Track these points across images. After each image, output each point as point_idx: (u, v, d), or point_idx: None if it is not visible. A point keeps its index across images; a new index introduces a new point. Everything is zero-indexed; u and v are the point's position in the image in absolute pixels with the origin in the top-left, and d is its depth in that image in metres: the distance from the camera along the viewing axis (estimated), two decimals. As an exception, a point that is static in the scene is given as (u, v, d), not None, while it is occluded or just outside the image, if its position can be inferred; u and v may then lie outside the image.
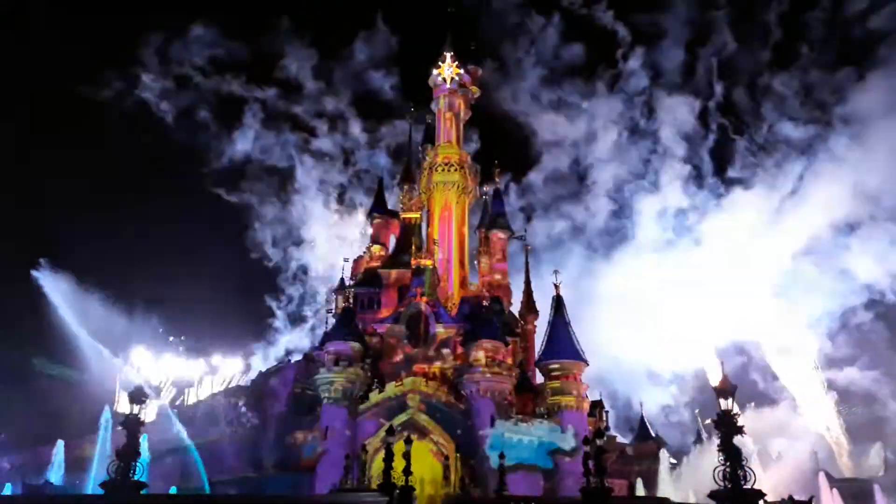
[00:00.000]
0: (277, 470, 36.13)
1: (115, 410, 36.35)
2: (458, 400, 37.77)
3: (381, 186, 55.08)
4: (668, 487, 36.40)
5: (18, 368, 52.99)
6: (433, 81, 49.82)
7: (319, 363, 38.62)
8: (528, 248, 52.02)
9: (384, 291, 44.96)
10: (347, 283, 48.24)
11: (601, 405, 43.23)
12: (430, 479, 33.99)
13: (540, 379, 41.78)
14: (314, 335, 66.95)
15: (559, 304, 42.06)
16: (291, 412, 39.95)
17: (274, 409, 41.06)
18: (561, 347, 40.50)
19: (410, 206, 49.75)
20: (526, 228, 55.16)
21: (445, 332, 41.01)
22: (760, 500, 12.30)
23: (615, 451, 38.89)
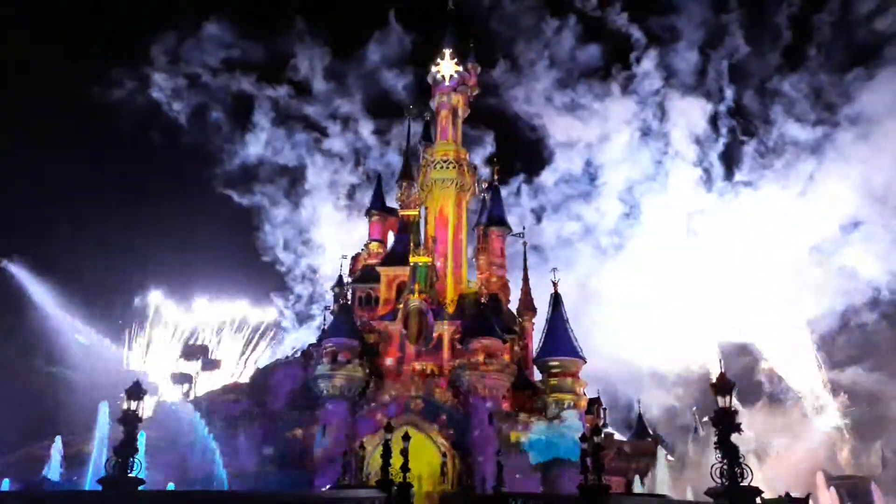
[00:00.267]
0: (276, 466, 36.13)
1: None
2: (455, 397, 37.83)
3: (379, 184, 55.01)
4: (665, 485, 36.46)
5: (12, 364, 52.95)
6: (432, 79, 49.68)
7: (318, 360, 38.63)
8: (526, 245, 52.21)
9: (382, 289, 44.96)
10: (346, 280, 48.32)
11: (599, 402, 43.32)
12: (427, 475, 34.02)
13: (538, 376, 41.87)
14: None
15: (557, 301, 42.13)
16: (290, 408, 39.96)
17: (273, 405, 41.05)
18: (559, 345, 40.58)
19: (409, 203, 49.80)
20: (525, 227, 55.10)
21: (443, 329, 41.01)
22: (757, 497, 12.30)
23: (613, 448, 38.92)
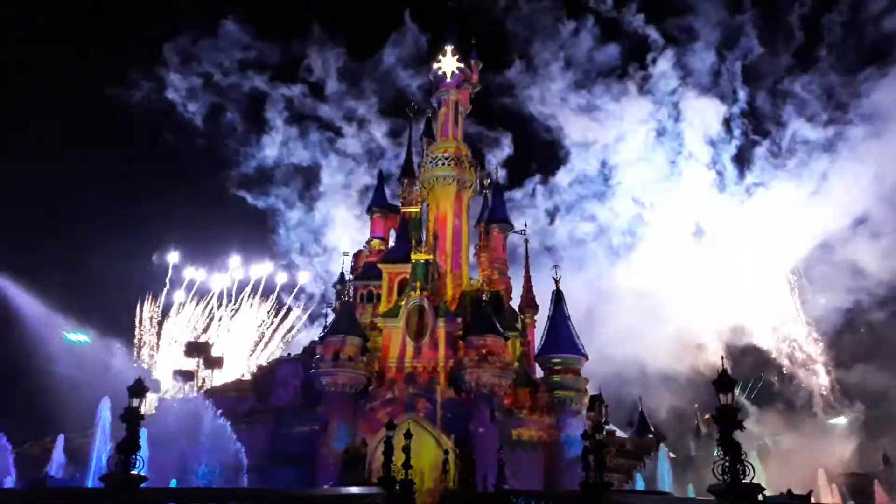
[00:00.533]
0: (278, 463, 36.17)
1: None
2: (457, 394, 37.84)
3: (381, 180, 54.89)
4: (667, 481, 36.43)
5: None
6: (433, 75, 49.60)
7: (320, 357, 38.64)
8: (527, 242, 52.19)
9: (384, 286, 44.93)
10: (348, 277, 48.28)
11: (601, 399, 43.24)
12: (429, 472, 34.06)
13: (540, 373, 41.86)
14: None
15: (559, 298, 42.13)
16: (292, 405, 40.02)
17: (275, 402, 41.13)
18: (561, 342, 40.61)
19: (411, 200, 49.69)
20: (526, 224, 55.02)
21: (445, 326, 40.96)
22: (759, 494, 12.26)
23: (614, 445, 38.92)
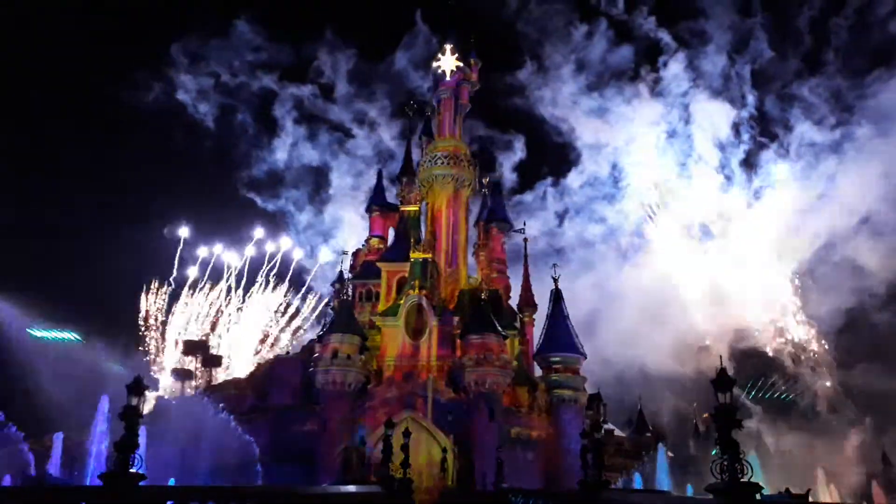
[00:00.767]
0: (277, 461, 36.15)
1: None
2: (456, 393, 37.84)
3: (380, 179, 54.70)
4: (665, 481, 36.51)
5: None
6: (433, 73, 49.55)
7: (319, 356, 38.63)
8: (526, 241, 52.14)
9: (383, 284, 44.90)
10: (346, 276, 48.24)
11: (599, 398, 43.23)
12: (428, 471, 34.04)
13: (538, 372, 41.88)
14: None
15: (558, 297, 42.13)
16: (291, 404, 40.01)
17: (274, 400, 41.13)
18: (560, 341, 40.63)
19: (409, 199, 49.58)
20: (525, 223, 54.93)
21: (443, 325, 40.95)
22: (757, 493, 12.27)
23: (612, 444, 38.97)
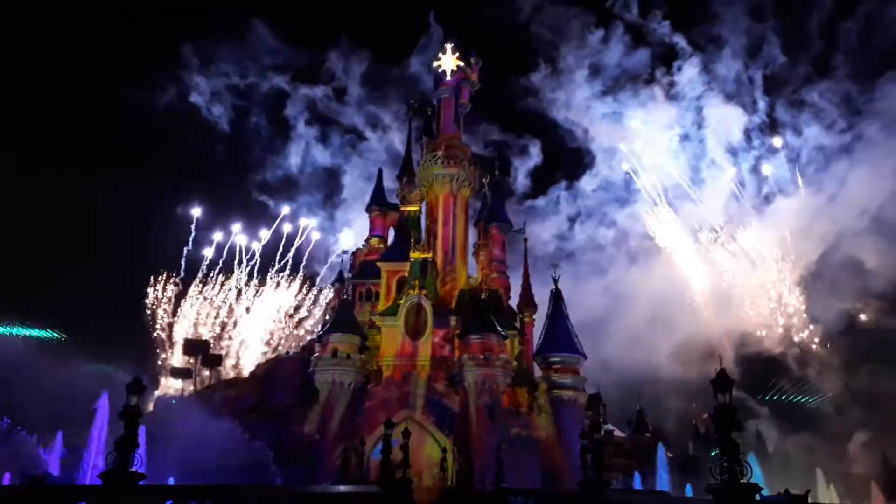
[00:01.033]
0: (276, 461, 36.12)
1: None
2: (455, 393, 37.81)
3: (380, 179, 54.52)
4: (665, 481, 36.48)
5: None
6: (434, 73, 49.51)
7: (319, 355, 38.63)
8: (526, 241, 52.06)
9: (382, 284, 44.88)
10: (346, 276, 48.22)
11: (599, 399, 43.30)
12: (428, 471, 34.02)
13: (538, 373, 41.87)
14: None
15: (558, 298, 42.12)
16: (291, 403, 40.00)
17: (273, 399, 41.11)
18: (559, 341, 40.64)
19: (409, 198, 49.52)
20: (525, 223, 54.85)
21: (443, 325, 40.94)
22: (756, 493, 12.30)
23: (612, 444, 38.96)
